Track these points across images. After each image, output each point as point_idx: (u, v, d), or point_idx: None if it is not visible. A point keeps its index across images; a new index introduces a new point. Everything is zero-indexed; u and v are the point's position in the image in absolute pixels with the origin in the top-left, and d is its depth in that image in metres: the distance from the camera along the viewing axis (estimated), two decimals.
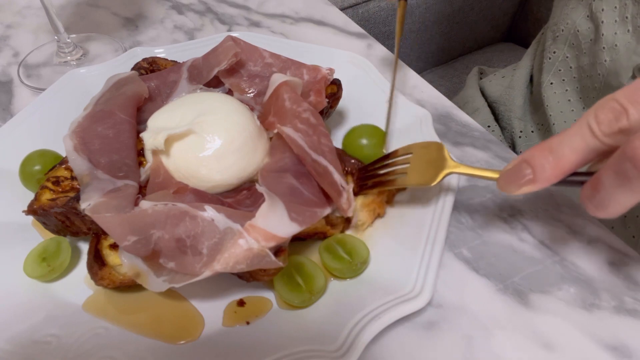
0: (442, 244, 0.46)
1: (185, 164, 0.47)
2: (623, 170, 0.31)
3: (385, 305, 0.41)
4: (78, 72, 0.65)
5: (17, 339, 0.42)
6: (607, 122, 0.33)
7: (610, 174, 0.32)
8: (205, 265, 0.41)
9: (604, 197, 0.34)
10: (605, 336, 0.42)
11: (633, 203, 0.33)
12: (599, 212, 0.35)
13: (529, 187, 0.36)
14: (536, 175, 0.36)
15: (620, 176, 0.31)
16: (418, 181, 0.44)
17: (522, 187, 0.37)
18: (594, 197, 0.34)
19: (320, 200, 0.46)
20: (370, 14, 1.27)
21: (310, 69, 0.58)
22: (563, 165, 0.35)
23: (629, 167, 0.30)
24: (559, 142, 0.35)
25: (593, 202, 0.35)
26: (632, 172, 0.30)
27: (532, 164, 0.36)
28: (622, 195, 0.32)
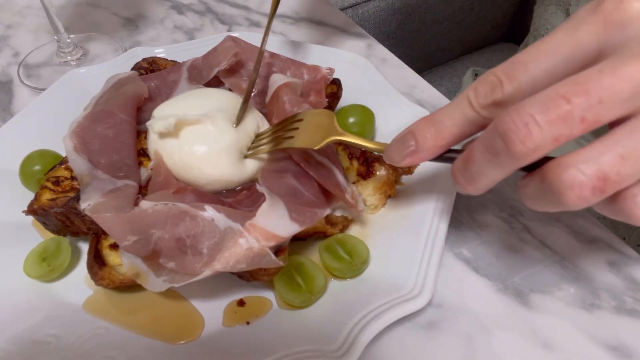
0: (442, 244, 0.46)
1: (188, 154, 0.47)
2: (493, 145, 0.31)
3: (385, 305, 0.41)
4: (78, 72, 0.65)
5: (17, 339, 0.42)
6: (484, 95, 0.33)
7: (481, 148, 0.33)
8: (206, 264, 0.41)
9: (474, 171, 0.34)
10: (605, 336, 0.42)
11: (501, 178, 0.33)
12: (468, 186, 0.35)
13: (412, 158, 0.37)
14: (418, 145, 0.37)
15: (490, 151, 0.32)
16: (303, 144, 0.45)
17: (406, 157, 0.37)
18: (465, 171, 0.35)
19: (320, 200, 0.46)
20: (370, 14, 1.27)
21: (310, 68, 0.59)
22: (443, 137, 0.36)
23: (498, 142, 0.30)
24: (441, 114, 0.36)
25: (464, 176, 0.35)
26: (500, 147, 0.30)
27: (415, 135, 0.37)
28: (491, 169, 0.33)
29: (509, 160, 0.31)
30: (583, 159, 0.29)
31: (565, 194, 0.29)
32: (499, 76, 0.33)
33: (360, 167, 0.51)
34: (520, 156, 0.30)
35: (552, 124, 0.29)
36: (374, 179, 0.50)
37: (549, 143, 0.29)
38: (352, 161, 0.52)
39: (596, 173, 0.29)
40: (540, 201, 0.32)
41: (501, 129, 0.30)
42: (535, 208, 0.34)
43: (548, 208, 0.32)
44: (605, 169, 0.29)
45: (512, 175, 0.54)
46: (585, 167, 0.29)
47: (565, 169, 0.29)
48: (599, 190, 0.29)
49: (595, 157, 0.29)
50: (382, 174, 0.50)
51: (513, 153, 0.30)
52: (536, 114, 0.29)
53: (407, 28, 1.35)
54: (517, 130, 0.29)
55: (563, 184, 0.29)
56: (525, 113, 0.29)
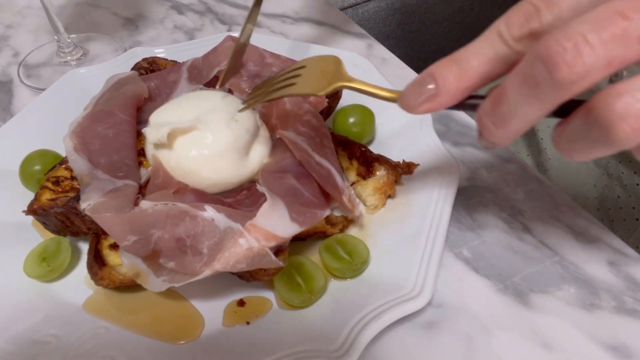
0: (442, 244, 0.46)
1: (185, 161, 0.47)
2: (532, 74, 0.27)
3: (385, 305, 0.41)
4: (78, 72, 0.65)
5: (17, 339, 0.42)
6: (518, 25, 0.29)
7: (517, 80, 0.28)
8: (206, 264, 0.41)
9: (505, 111, 0.29)
10: (605, 336, 0.42)
11: (536, 118, 0.29)
12: (497, 130, 0.30)
13: (432, 103, 0.32)
14: (439, 87, 0.31)
15: (529, 81, 0.27)
16: (306, 90, 0.40)
17: (425, 103, 0.32)
18: (495, 112, 0.30)
19: (320, 201, 0.46)
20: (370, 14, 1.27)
21: None
22: (469, 77, 0.31)
23: (540, 69, 0.26)
24: (466, 51, 0.31)
25: (493, 117, 0.30)
26: (542, 74, 0.26)
27: (435, 76, 0.31)
28: (527, 106, 0.28)
29: (552, 90, 0.26)
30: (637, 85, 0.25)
31: (617, 126, 0.25)
32: (536, 3, 0.28)
33: (360, 167, 0.51)
34: (566, 84, 0.25)
35: (606, 43, 0.25)
36: (374, 179, 0.50)
37: (601, 67, 0.25)
38: (351, 161, 0.52)
39: None
40: (583, 142, 0.28)
41: (544, 52, 0.26)
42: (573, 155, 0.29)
43: (592, 150, 0.28)
44: None
45: (512, 175, 0.54)
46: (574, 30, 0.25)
47: (618, 96, 0.25)
48: None
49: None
50: (382, 173, 0.50)
51: (558, 80, 0.25)
52: (588, 32, 0.25)
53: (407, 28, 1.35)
54: (564, 53, 0.25)
55: (615, 113, 0.25)
56: (575, 32, 0.25)
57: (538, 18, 0.28)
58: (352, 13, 1.24)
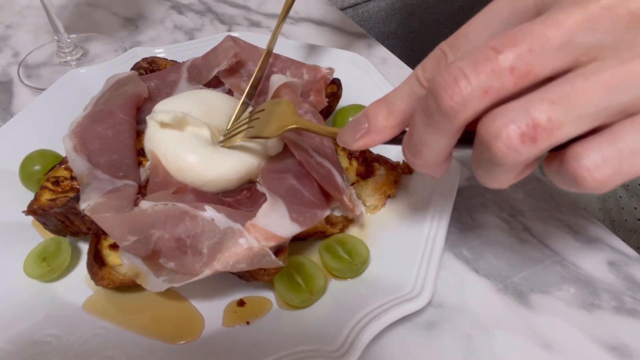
0: (442, 244, 0.46)
1: (181, 157, 0.47)
2: (427, 106, 0.30)
3: (385, 305, 0.41)
4: (78, 72, 0.65)
5: (17, 339, 0.42)
6: (430, 69, 0.33)
7: (419, 114, 0.32)
8: (206, 264, 0.41)
9: (416, 141, 0.33)
10: (605, 336, 0.42)
11: (444, 147, 0.32)
12: (415, 160, 0.34)
13: (365, 140, 0.36)
14: (370, 125, 0.35)
15: (426, 113, 0.30)
16: (261, 133, 0.45)
17: (360, 139, 0.36)
18: (409, 143, 0.33)
19: (320, 201, 0.46)
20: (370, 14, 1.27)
21: (310, 68, 0.58)
22: (395, 116, 0.35)
23: (430, 101, 0.29)
24: (393, 94, 0.35)
25: (409, 148, 0.34)
26: (432, 106, 0.29)
27: (368, 116, 0.36)
28: (431, 136, 0.31)
29: (441, 119, 0.30)
30: (512, 107, 0.28)
31: (494, 144, 0.28)
32: (443, 49, 0.33)
33: (360, 167, 0.51)
34: (449, 112, 0.29)
35: (479, 75, 0.28)
36: (374, 179, 0.50)
37: (478, 96, 0.28)
38: (351, 161, 0.52)
39: (525, 119, 0.27)
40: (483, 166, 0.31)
41: (432, 86, 0.29)
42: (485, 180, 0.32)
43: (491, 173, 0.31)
44: (535, 115, 0.27)
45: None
46: (513, 114, 0.27)
47: (493, 119, 0.28)
48: (529, 138, 0.27)
49: (525, 104, 0.27)
50: (382, 174, 0.50)
51: (442, 109, 0.29)
52: (464, 66, 0.28)
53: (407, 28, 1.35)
54: (446, 85, 0.28)
55: (491, 133, 0.28)
56: (455, 67, 0.28)
57: (445, 61, 0.32)
58: (352, 13, 1.24)
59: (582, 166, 0.28)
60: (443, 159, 0.33)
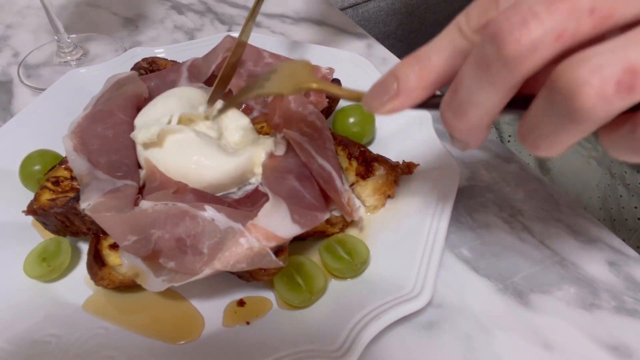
0: (442, 244, 0.46)
1: (177, 164, 0.47)
2: (483, 55, 0.25)
3: (385, 305, 0.41)
4: (78, 72, 0.65)
5: (17, 339, 0.42)
6: (477, 16, 0.27)
7: (470, 66, 0.27)
8: (206, 264, 0.41)
9: (463, 98, 0.28)
10: (605, 336, 0.42)
11: (495, 106, 0.27)
12: (458, 122, 0.29)
13: (394, 103, 0.31)
14: (400, 87, 0.30)
15: (481, 64, 0.26)
16: (273, 89, 0.41)
17: (387, 103, 0.31)
18: (452, 102, 0.29)
19: (320, 204, 0.46)
20: (370, 14, 1.27)
21: None
22: (430, 74, 0.30)
23: (489, 48, 0.25)
24: (427, 48, 0.30)
25: (452, 109, 0.29)
26: (492, 54, 0.25)
27: (398, 75, 0.30)
28: (483, 91, 0.27)
29: (502, 69, 0.25)
30: (602, 49, 0.23)
31: (580, 92, 0.23)
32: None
33: (359, 167, 0.51)
34: (514, 57, 0.24)
35: (553, 15, 0.23)
36: (373, 179, 0.50)
37: (550, 40, 0.23)
38: (351, 161, 0.52)
39: (621, 64, 0.22)
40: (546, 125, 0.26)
41: (492, 29, 0.24)
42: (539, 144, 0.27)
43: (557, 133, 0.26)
44: (633, 59, 0.22)
45: (512, 175, 0.54)
46: (606, 58, 0.23)
47: (581, 61, 0.23)
48: (626, 86, 0.22)
49: (619, 47, 0.23)
50: (381, 174, 0.50)
51: (505, 56, 0.24)
52: (535, 4, 0.23)
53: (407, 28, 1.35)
54: (511, 27, 0.24)
55: (579, 79, 0.23)
56: (523, 6, 0.24)
57: (495, 6, 0.27)
58: (352, 13, 1.24)
59: None
60: (489, 122, 0.29)
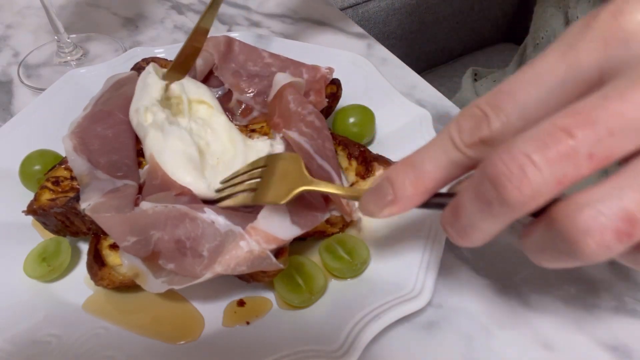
0: (442, 244, 0.46)
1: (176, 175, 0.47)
2: (482, 193, 0.26)
3: (385, 305, 0.41)
4: (78, 72, 0.65)
5: (17, 339, 0.42)
6: (469, 131, 0.29)
7: (471, 197, 0.28)
8: (206, 267, 0.41)
9: (465, 224, 0.29)
10: (605, 336, 0.42)
11: (496, 230, 0.28)
12: (462, 241, 0.30)
13: (391, 209, 0.32)
14: (397, 194, 0.32)
15: (481, 200, 0.27)
16: (267, 198, 0.41)
17: (384, 208, 0.33)
18: (455, 224, 0.30)
19: (320, 204, 0.46)
20: (370, 14, 1.27)
21: (309, 68, 0.58)
22: (425, 183, 0.31)
23: (489, 189, 0.26)
24: (421, 156, 0.31)
25: (455, 229, 0.30)
26: (492, 195, 0.26)
27: (393, 182, 0.32)
28: (484, 222, 0.28)
29: (503, 210, 0.26)
30: (601, 196, 0.24)
31: (581, 241, 0.24)
32: (484, 108, 0.28)
33: (359, 167, 0.51)
34: (516, 205, 0.25)
35: (553, 164, 0.24)
36: (373, 179, 0.50)
37: (551, 187, 0.24)
38: (350, 161, 0.52)
39: (619, 212, 0.23)
40: (550, 253, 0.27)
41: (491, 174, 0.25)
42: (544, 264, 0.29)
43: (560, 262, 0.27)
44: (631, 207, 0.23)
45: None
46: (604, 206, 0.24)
47: (580, 209, 0.24)
48: (625, 234, 0.23)
49: (617, 193, 0.24)
50: (381, 173, 0.50)
51: (507, 202, 0.25)
52: (532, 152, 0.24)
53: (407, 28, 1.35)
54: (510, 174, 0.25)
55: (578, 228, 0.24)
56: (518, 152, 0.24)
57: (487, 125, 0.28)
58: (352, 13, 1.24)
59: None
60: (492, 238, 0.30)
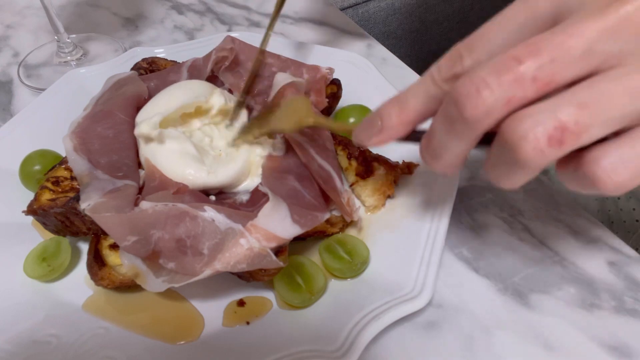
0: (442, 244, 0.46)
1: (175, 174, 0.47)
2: (449, 114, 0.31)
3: (385, 305, 0.41)
4: (78, 72, 0.65)
5: (17, 339, 0.42)
6: (445, 69, 0.33)
7: (440, 120, 0.32)
8: (206, 264, 0.41)
9: (436, 146, 0.34)
10: (605, 336, 0.42)
11: (463, 150, 0.33)
12: (434, 163, 0.35)
13: (378, 137, 0.36)
14: (383, 124, 0.36)
15: (447, 120, 0.31)
16: (275, 127, 0.46)
17: (372, 137, 0.37)
18: (429, 146, 0.34)
19: (321, 204, 0.46)
20: (370, 14, 1.27)
21: (309, 68, 0.59)
22: (408, 114, 0.35)
23: (453, 109, 0.30)
24: (406, 92, 0.35)
25: (428, 151, 0.35)
26: (455, 114, 0.30)
27: (381, 114, 0.36)
28: (451, 141, 0.32)
29: (464, 127, 0.30)
30: (539, 109, 0.28)
31: (520, 146, 0.28)
32: (460, 50, 0.33)
33: (359, 167, 0.51)
34: (473, 120, 0.29)
35: (502, 85, 0.28)
36: (373, 179, 0.50)
37: (500, 105, 0.28)
38: (350, 161, 0.52)
39: (553, 122, 0.27)
40: (501, 167, 0.31)
41: (454, 95, 0.30)
42: (499, 181, 0.33)
43: (510, 174, 0.31)
44: (563, 118, 0.27)
45: None
46: (541, 117, 0.28)
47: (520, 119, 0.28)
48: (556, 141, 0.27)
49: (552, 107, 0.28)
50: (381, 173, 0.50)
51: (465, 118, 0.30)
52: (487, 76, 0.28)
53: (407, 28, 1.35)
54: (468, 94, 0.29)
55: (518, 135, 0.28)
56: (477, 77, 0.29)
57: (460, 62, 0.32)
58: (352, 13, 1.24)
59: (601, 168, 0.28)
60: (461, 161, 0.34)
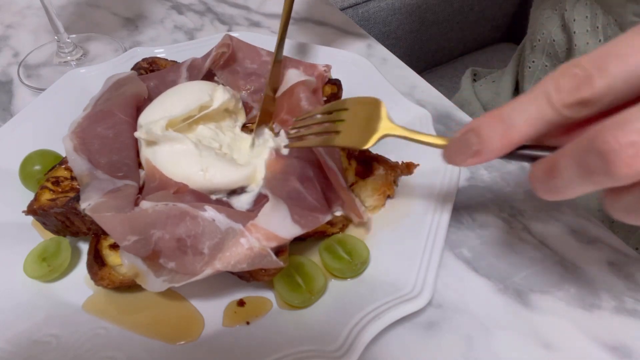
0: (442, 244, 0.46)
1: (175, 175, 0.47)
2: (587, 163, 0.27)
3: (386, 305, 0.41)
4: (78, 72, 0.65)
5: (17, 339, 0.42)
6: (568, 91, 0.28)
7: (571, 163, 0.28)
8: (207, 264, 0.41)
9: (559, 185, 0.30)
10: (605, 336, 0.42)
11: (589, 192, 0.29)
12: (549, 196, 0.32)
13: (475, 159, 0.33)
14: (483, 146, 0.32)
15: (584, 168, 0.28)
16: (349, 142, 0.40)
17: (468, 159, 0.33)
18: (548, 182, 0.31)
19: (322, 206, 0.46)
20: (370, 14, 1.27)
21: (307, 66, 0.58)
22: (513, 137, 0.31)
23: (596, 161, 0.26)
24: (512, 111, 0.31)
25: (546, 186, 0.31)
26: (598, 166, 0.27)
27: (480, 133, 0.32)
28: (582, 186, 0.29)
29: (607, 180, 0.27)
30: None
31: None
32: (587, 67, 0.27)
33: (359, 167, 0.51)
34: (623, 179, 0.26)
35: None
36: (373, 179, 0.50)
37: None
38: (350, 161, 0.52)
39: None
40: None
41: (601, 148, 0.26)
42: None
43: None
44: None
45: (512, 175, 0.54)
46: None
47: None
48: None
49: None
50: (381, 173, 0.50)
51: (614, 175, 0.26)
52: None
53: (407, 28, 1.35)
54: (621, 151, 0.25)
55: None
56: (631, 130, 0.25)
57: (590, 86, 0.27)
58: (352, 13, 1.24)
59: None
60: None
